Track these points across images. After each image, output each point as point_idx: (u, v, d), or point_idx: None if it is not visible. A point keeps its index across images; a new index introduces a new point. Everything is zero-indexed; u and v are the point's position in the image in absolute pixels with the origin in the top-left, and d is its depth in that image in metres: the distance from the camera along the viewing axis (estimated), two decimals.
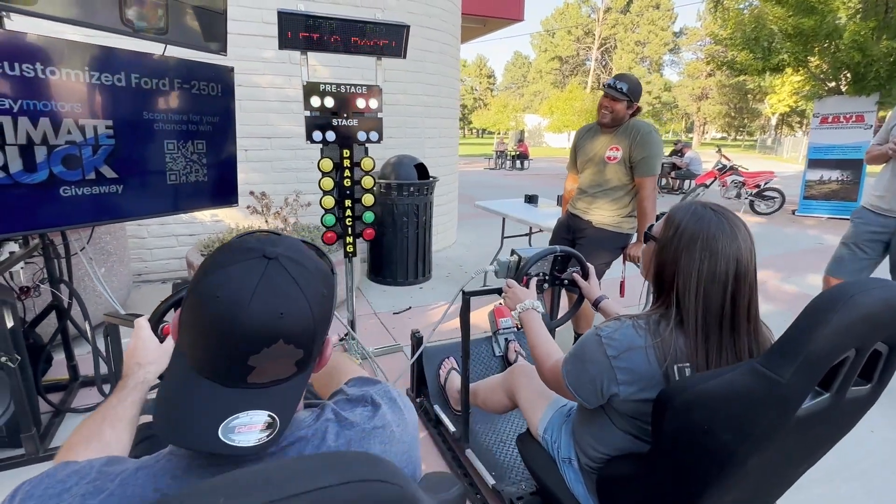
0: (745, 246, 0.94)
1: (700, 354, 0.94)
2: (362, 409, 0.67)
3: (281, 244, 0.58)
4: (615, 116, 2.37)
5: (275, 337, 0.52)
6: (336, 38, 2.08)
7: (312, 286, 0.57)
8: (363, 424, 0.64)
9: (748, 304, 0.95)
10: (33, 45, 1.46)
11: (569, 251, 1.69)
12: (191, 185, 2.03)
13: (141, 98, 1.76)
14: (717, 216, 0.96)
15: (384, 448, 0.64)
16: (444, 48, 4.54)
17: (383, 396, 0.71)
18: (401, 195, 3.73)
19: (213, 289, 0.53)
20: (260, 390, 0.53)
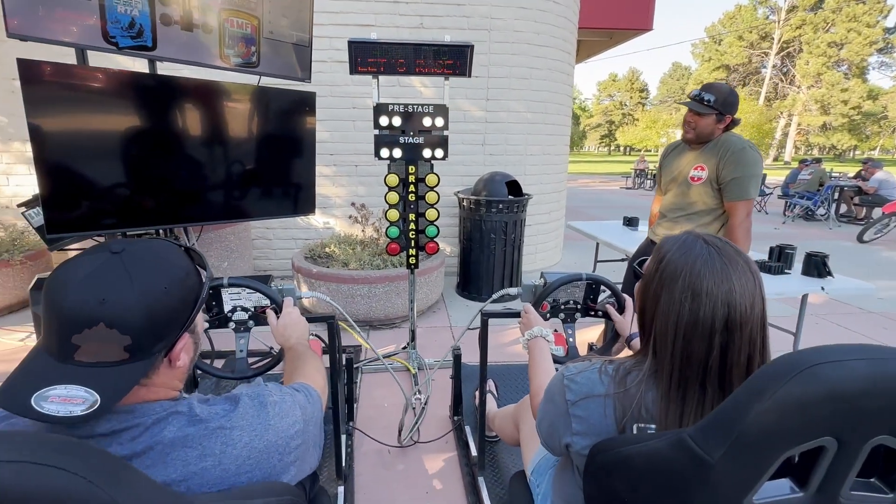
0: (743, 289, 0.76)
1: (672, 415, 0.78)
2: (222, 406, 0.72)
3: (135, 245, 0.66)
4: (700, 132, 2.08)
5: (95, 320, 0.59)
6: (401, 61, 2.20)
7: (149, 281, 0.63)
8: (209, 422, 0.68)
9: (746, 362, 0.77)
10: (188, 85, 1.85)
11: (598, 279, 1.54)
12: (279, 195, 2.33)
13: (242, 121, 2.09)
14: (707, 249, 0.79)
15: (223, 450, 0.67)
16: (554, 64, 4.44)
17: (255, 398, 0.74)
18: (489, 211, 3.73)
19: (54, 274, 0.62)
20: (85, 368, 0.59)
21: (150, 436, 0.64)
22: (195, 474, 0.64)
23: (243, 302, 1.45)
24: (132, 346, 0.61)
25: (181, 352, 0.70)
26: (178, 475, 0.64)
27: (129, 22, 1.76)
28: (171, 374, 0.71)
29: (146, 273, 0.63)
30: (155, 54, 1.85)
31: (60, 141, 1.68)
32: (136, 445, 0.63)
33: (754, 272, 0.78)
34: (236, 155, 2.12)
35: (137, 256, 0.64)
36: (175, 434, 0.65)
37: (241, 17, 2.03)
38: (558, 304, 1.60)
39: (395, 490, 1.82)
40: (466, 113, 4.31)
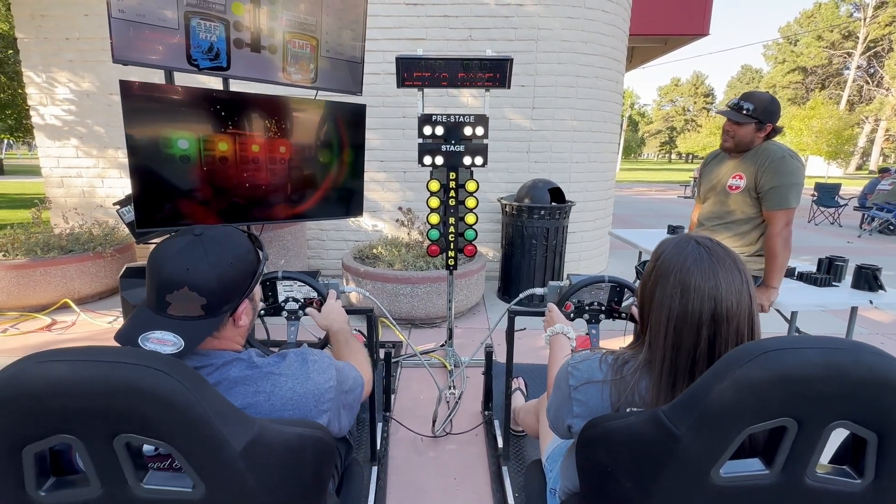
0: (728, 285, 0.82)
1: (662, 401, 0.84)
2: (273, 358, 0.89)
3: (212, 229, 0.87)
4: (739, 141, 2.08)
5: (182, 284, 0.79)
6: (444, 75, 2.36)
7: (220, 256, 0.83)
8: (263, 368, 0.86)
9: None
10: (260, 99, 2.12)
11: (621, 281, 1.60)
12: (332, 199, 2.55)
13: (302, 131, 2.33)
14: (698, 249, 0.86)
15: (272, 389, 0.84)
16: (601, 72, 4.45)
17: (298, 355, 0.91)
18: (531, 218, 3.81)
19: (155, 251, 0.83)
20: (174, 321, 0.79)
21: (219, 374, 0.83)
22: (250, 405, 0.82)
23: (294, 293, 1.65)
24: (207, 304, 0.81)
25: (242, 314, 0.88)
26: (238, 404, 0.80)
27: (208, 46, 2.03)
28: (236, 332, 0.89)
29: (218, 250, 0.83)
30: (229, 73, 2.12)
31: (150, 149, 1.96)
32: (209, 379, 0.81)
33: (742, 271, 0.84)
34: (296, 162, 2.36)
35: (212, 238, 0.84)
36: (237, 374, 0.84)
37: (302, 39, 2.27)
38: (583, 304, 1.67)
39: (426, 475, 1.95)
40: (512, 121, 4.41)
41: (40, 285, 3.47)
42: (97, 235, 3.96)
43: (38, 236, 3.74)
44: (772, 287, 2.04)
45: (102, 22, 1.96)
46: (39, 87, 4.33)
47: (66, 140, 4.43)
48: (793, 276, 2.39)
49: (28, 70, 4.31)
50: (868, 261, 2.36)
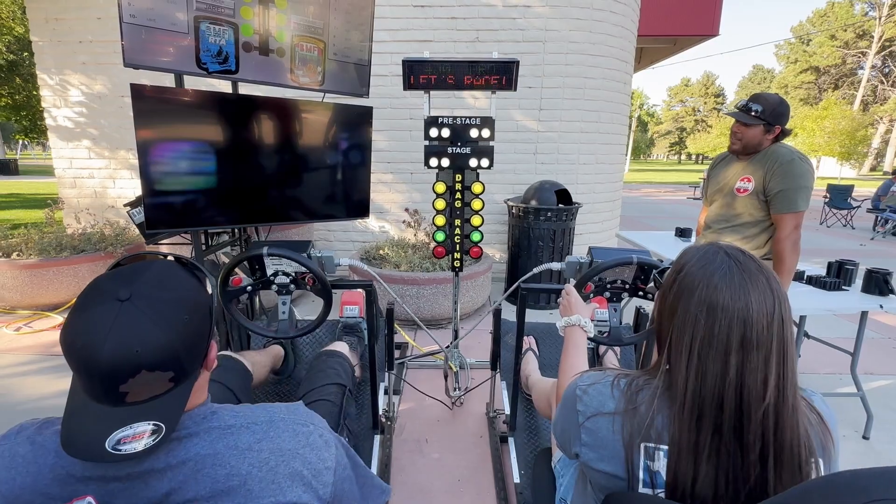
0: (761, 306, 0.72)
1: (686, 437, 0.74)
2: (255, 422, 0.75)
3: (137, 281, 0.66)
4: (747, 143, 2.07)
5: (136, 369, 0.61)
6: (450, 77, 2.36)
7: (170, 316, 0.65)
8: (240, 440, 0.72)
9: (764, 386, 0.71)
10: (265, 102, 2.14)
11: (651, 262, 1.49)
12: (339, 200, 2.57)
13: (308, 133, 2.35)
14: (728, 261, 0.76)
15: (249, 471, 0.69)
16: (609, 73, 4.44)
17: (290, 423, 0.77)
18: (537, 219, 3.80)
19: (72, 336, 0.62)
20: (141, 406, 0.63)
21: (183, 448, 0.67)
22: (222, 493, 0.66)
23: (285, 267, 1.59)
24: (175, 376, 0.66)
25: (213, 356, 0.76)
26: (208, 492, 0.66)
27: (217, 50, 2.05)
28: (205, 375, 0.76)
29: (163, 311, 0.65)
30: (238, 76, 2.14)
31: (160, 151, 1.99)
32: (171, 458, 0.66)
33: (775, 290, 0.74)
34: (303, 164, 2.38)
35: (146, 297, 0.65)
36: (201, 448, 0.68)
37: (310, 42, 2.28)
38: (604, 282, 1.54)
39: (430, 477, 1.95)
40: (519, 123, 4.41)
41: (53, 284, 3.53)
42: (108, 236, 4.01)
43: (50, 236, 3.80)
44: None
45: (115, 25, 2.00)
46: (53, 90, 4.40)
47: (78, 141, 4.50)
48: (801, 280, 2.36)
49: (42, 72, 4.39)
50: (882, 264, 2.35)
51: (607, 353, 2.13)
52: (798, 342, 2.21)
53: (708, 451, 0.73)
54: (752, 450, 0.72)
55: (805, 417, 0.76)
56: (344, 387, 1.36)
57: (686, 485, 0.75)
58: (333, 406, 1.29)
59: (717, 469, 0.73)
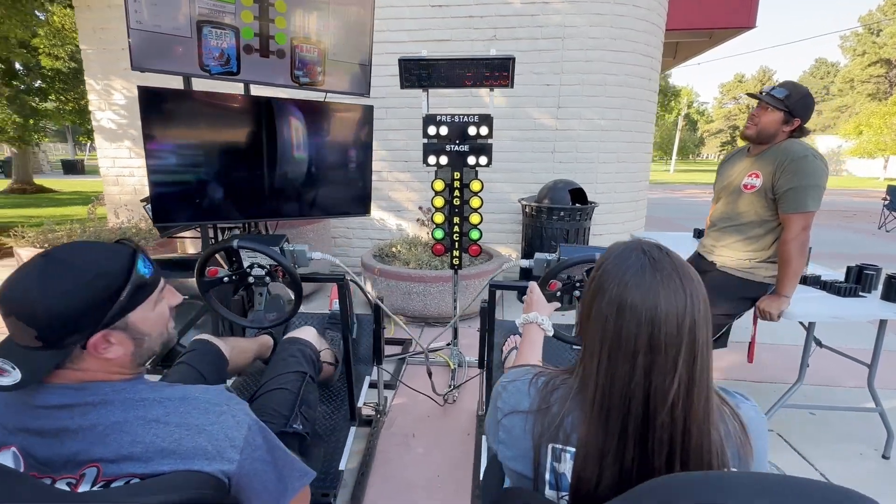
0: (673, 307, 0.68)
1: (592, 439, 0.72)
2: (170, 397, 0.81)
3: (63, 250, 0.74)
4: (762, 130, 1.94)
5: (8, 313, 0.70)
6: (447, 76, 2.37)
7: (54, 284, 0.70)
8: (148, 412, 0.78)
9: (669, 389, 0.68)
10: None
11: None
12: (341, 197, 2.64)
13: (311, 132, 2.42)
14: (643, 259, 0.73)
15: (153, 440, 0.75)
16: (632, 70, 4.30)
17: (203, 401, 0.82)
18: (550, 219, 3.75)
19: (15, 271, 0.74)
20: (19, 348, 0.71)
21: (97, 414, 0.74)
22: (125, 457, 0.72)
23: (259, 260, 1.65)
24: (40, 337, 0.70)
25: (104, 346, 0.76)
26: (116, 453, 0.72)
27: (219, 53, 2.15)
28: (108, 363, 0.78)
29: (54, 276, 0.71)
30: (239, 78, 2.24)
31: (163, 148, 2.11)
32: (85, 422, 0.73)
33: (689, 291, 0.70)
34: (304, 162, 2.45)
35: (56, 261, 0.72)
36: (115, 416, 0.74)
37: (310, 44, 2.35)
38: (572, 281, 1.54)
39: (413, 472, 1.98)
40: (536, 121, 4.35)
41: None
42: (143, 230, 4.28)
43: (91, 230, 4.10)
44: (783, 296, 1.91)
45: None
46: (98, 94, 4.74)
47: (120, 142, 4.82)
48: (816, 285, 2.21)
49: (90, 78, 4.73)
50: None
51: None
52: (807, 350, 2.07)
53: (613, 454, 0.71)
54: (658, 455, 0.70)
55: (722, 425, 0.73)
56: (304, 374, 1.40)
57: (590, 489, 0.73)
58: (290, 394, 1.33)
59: (620, 474, 0.71)
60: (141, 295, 0.80)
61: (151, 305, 0.83)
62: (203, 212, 2.26)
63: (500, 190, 4.53)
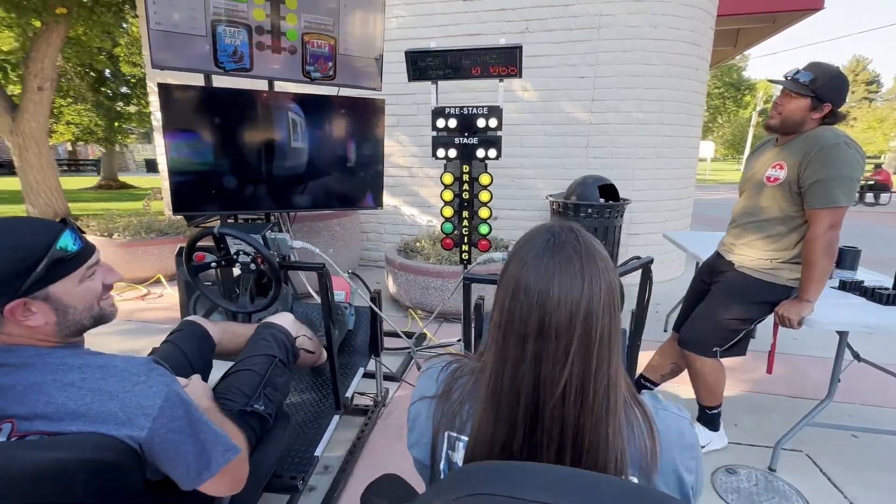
0: (565, 293, 0.62)
1: (486, 426, 0.68)
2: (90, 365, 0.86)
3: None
4: (787, 119, 1.75)
5: None
6: (455, 67, 2.34)
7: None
8: (65, 376, 0.83)
9: (559, 380, 0.63)
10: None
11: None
12: (351, 189, 2.69)
13: (323, 126, 2.49)
14: (549, 240, 0.67)
15: (64, 402, 0.80)
16: (675, 59, 4.04)
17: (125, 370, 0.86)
18: (577, 216, 3.60)
19: None
20: None
21: (18, 375, 0.80)
22: (38, 416, 0.77)
23: (244, 247, 1.69)
24: None
25: (24, 313, 0.81)
26: (31, 411, 0.77)
27: (232, 50, 2.25)
28: (31, 330, 0.83)
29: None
30: (252, 74, 2.33)
31: (181, 142, 2.24)
32: (8, 382, 0.79)
33: (588, 278, 0.63)
34: (315, 155, 2.52)
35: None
36: (34, 378, 0.79)
37: (321, 39, 2.41)
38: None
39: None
40: (569, 115, 4.20)
41: (141, 262, 4.13)
42: (180, 222, 4.58)
43: (145, 221, 4.45)
44: (805, 300, 1.71)
45: None
46: (156, 95, 5.13)
47: None
48: (856, 291, 1.96)
49: (150, 81, 5.14)
50: None
51: None
52: (838, 363, 1.85)
53: (501, 445, 0.67)
54: (547, 449, 0.65)
55: (629, 429, 0.66)
56: (273, 357, 1.43)
57: None
58: (256, 375, 1.36)
59: (521, 452, 0.67)
60: (62, 269, 0.84)
61: (76, 280, 0.87)
62: (218, 202, 2.39)
63: (531, 186, 4.42)
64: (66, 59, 8.85)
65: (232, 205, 2.44)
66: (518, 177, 4.45)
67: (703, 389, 1.98)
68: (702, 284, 2.10)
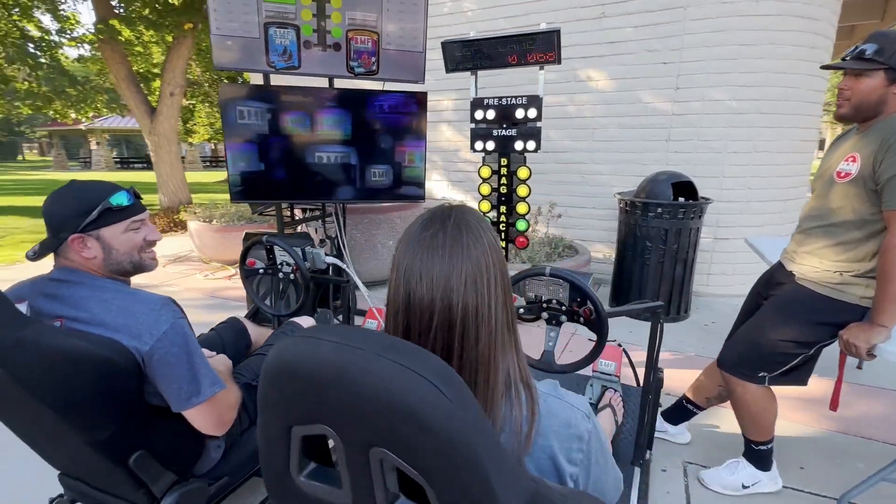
0: (427, 269, 0.63)
1: None
2: (124, 288, 1.14)
3: (78, 181, 1.12)
4: (860, 104, 1.44)
5: (42, 214, 1.10)
6: (491, 57, 2.26)
7: (59, 200, 1.09)
8: (103, 292, 1.09)
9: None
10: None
11: (566, 277, 1.34)
12: (395, 183, 2.74)
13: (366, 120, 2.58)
14: (428, 215, 0.68)
15: (99, 310, 1.05)
16: (779, 37, 3.47)
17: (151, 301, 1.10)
18: (645, 216, 3.28)
19: None
20: (47, 238, 1.10)
21: (74, 289, 1.07)
22: (79, 319, 1.04)
23: (287, 258, 1.88)
24: (48, 229, 1.10)
25: (81, 245, 1.08)
26: (76, 315, 1.04)
27: (282, 50, 2.41)
28: (87, 261, 1.10)
29: (61, 196, 1.10)
30: (300, 71, 2.48)
31: (240, 137, 2.46)
32: (67, 293, 1.06)
33: (454, 255, 0.63)
34: (360, 148, 2.61)
35: (67, 187, 1.11)
36: (83, 293, 1.07)
37: (364, 35, 2.48)
38: (539, 300, 1.46)
39: None
40: (648, 105, 3.83)
41: (232, 245, 4.63)
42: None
43: (237, 210, 4.98)
44: (878, 324, 1.36)
45: None
46: None
47: None
48: None
49: None
50: None
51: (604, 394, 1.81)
52: None
53: None
54: None
55: (509, 407, 0.67)
56: None
57: None
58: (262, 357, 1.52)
59: None
60: (110, 217, 1.11)
61: (122, 229, 1.13)
62: (270, 193, 2.58)
63: (603, 182, 4.13)
64: (198, 67, 10.21)
65: (282, 195, 2.63)
66: (589, 172, 4.18)
67: (748, 421, 1.69)
68: (757, 298, 1.80)
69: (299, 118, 2.51)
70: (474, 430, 0.48)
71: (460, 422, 0.47)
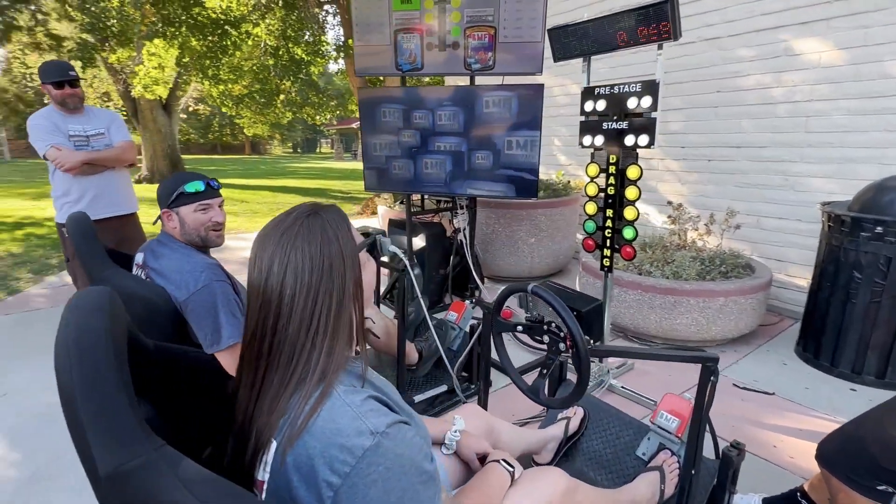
0: (261, 256, 0.72)
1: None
2: (202, 257, 1.50)
3: (174, 174, 1.52)
4: None
5: None
6: (600, 39, 1.99)
7: (163, 184, 1.50)
8: (181, 252, 1.48)
9: (254, 331, 0.74)
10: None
11: (544, 297, 1.16)
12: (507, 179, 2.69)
13: (481, 116, 2.61)
14: (297, 208, 0.77)
15: (166, 263, 1.43)
16: None
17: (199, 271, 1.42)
18: (854, 237, 2.38)
19: None
20: None
21: (160, 248, 1.48)
22: (156, 271, 1.42)
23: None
24: (160, 204, 1.51)
25: (167, 218, 1.48)
26: (155, 265, 1.43)
27: (408, 54, 2.63)
28: (171, 229, 1.48)
29: (162, 183, 1.51)
30: (423, 72, 2.65)
31: (371, 134, 2.81)
32: (157, 250, 1.47)
33: (278, 246, 0.71)
34: (473, 144, 2.66)
35: (168, 177, 1.52)
36: (164, 251, 1.47)
37: (481, 30, 2.49)
38: (541, 320, 1.31)
39: None
40: (890, 81, 2.71)
41: None
42: None
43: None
44: None
45: None
46: None
47: None
48: None
49: None
50: None
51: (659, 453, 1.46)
52: None
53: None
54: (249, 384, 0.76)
55: (295, 399, 0.70)
56: None
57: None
58: None
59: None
60: (184, 199, 1.46)
61: (192, 209, 1.47)
62: (396, 184, 2.88)
63: (814, 188, 3.13)
64: None
65: (405, 187, 2.89)
66: (794, 174, 3.22)
67: None
68: None
69: (424, 115, 2.70)
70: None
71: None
